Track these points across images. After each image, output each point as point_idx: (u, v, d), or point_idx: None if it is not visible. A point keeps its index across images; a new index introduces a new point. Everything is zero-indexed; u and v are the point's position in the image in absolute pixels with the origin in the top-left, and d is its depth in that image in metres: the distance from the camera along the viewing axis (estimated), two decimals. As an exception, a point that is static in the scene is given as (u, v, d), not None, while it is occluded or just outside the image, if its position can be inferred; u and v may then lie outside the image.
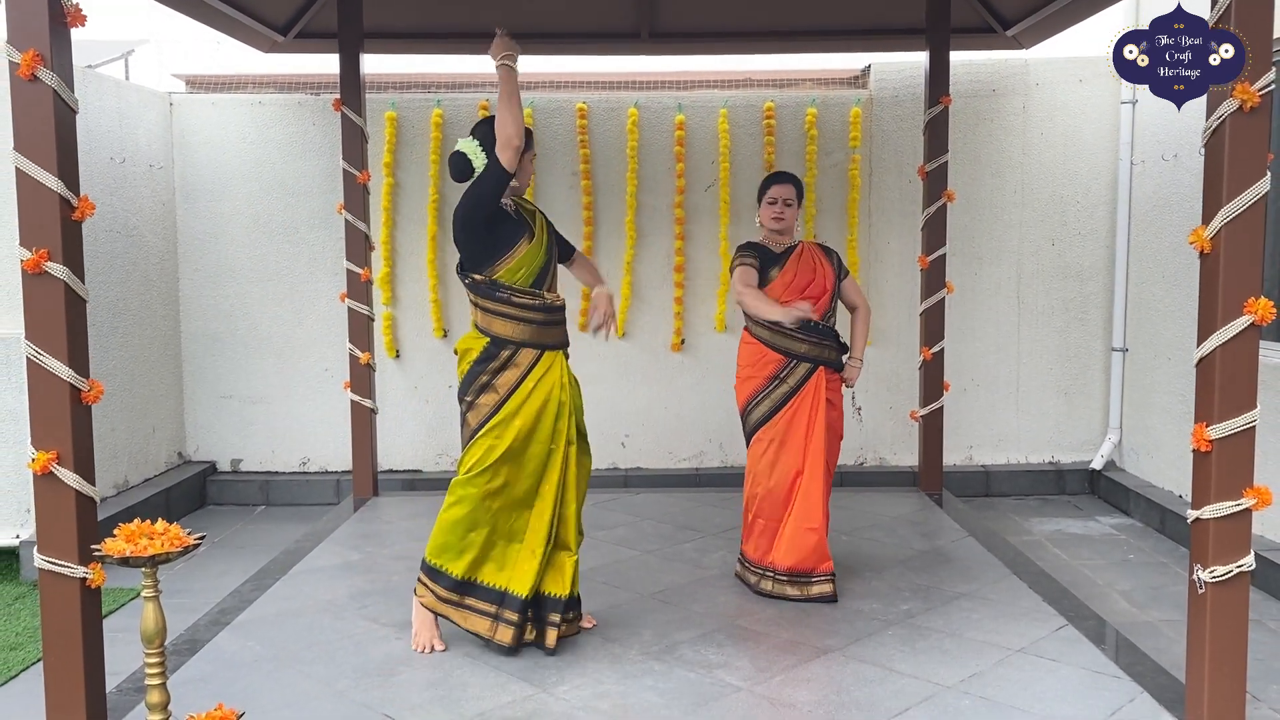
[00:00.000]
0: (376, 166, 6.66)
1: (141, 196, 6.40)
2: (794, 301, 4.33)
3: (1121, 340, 6.70)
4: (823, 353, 4.43)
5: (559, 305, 3.86)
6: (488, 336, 3.79)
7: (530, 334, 3.77)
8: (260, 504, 6.83)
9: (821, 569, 4.31)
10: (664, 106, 6.75)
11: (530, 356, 3.77)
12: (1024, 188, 6.79)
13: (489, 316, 3.78)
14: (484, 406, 3.76)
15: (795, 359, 4.40)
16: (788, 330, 4.37)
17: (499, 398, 3.74)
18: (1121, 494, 6.44)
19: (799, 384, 4.39)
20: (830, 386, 4.45)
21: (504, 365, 3.76)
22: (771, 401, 4.41)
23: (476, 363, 3.79)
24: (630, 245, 6.72)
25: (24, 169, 2.99)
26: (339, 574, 4.75)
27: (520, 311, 3.75)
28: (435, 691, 3.49)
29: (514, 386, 3.74)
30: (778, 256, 4.50)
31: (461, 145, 3.77)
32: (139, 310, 6.37)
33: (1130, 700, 3.37)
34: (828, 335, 4.46)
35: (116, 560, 2.75)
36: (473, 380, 3.79)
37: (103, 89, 6.04)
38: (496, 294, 3.75)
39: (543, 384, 3.77)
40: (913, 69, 6.65)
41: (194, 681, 3.56)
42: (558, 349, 3.85)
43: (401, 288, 6.84)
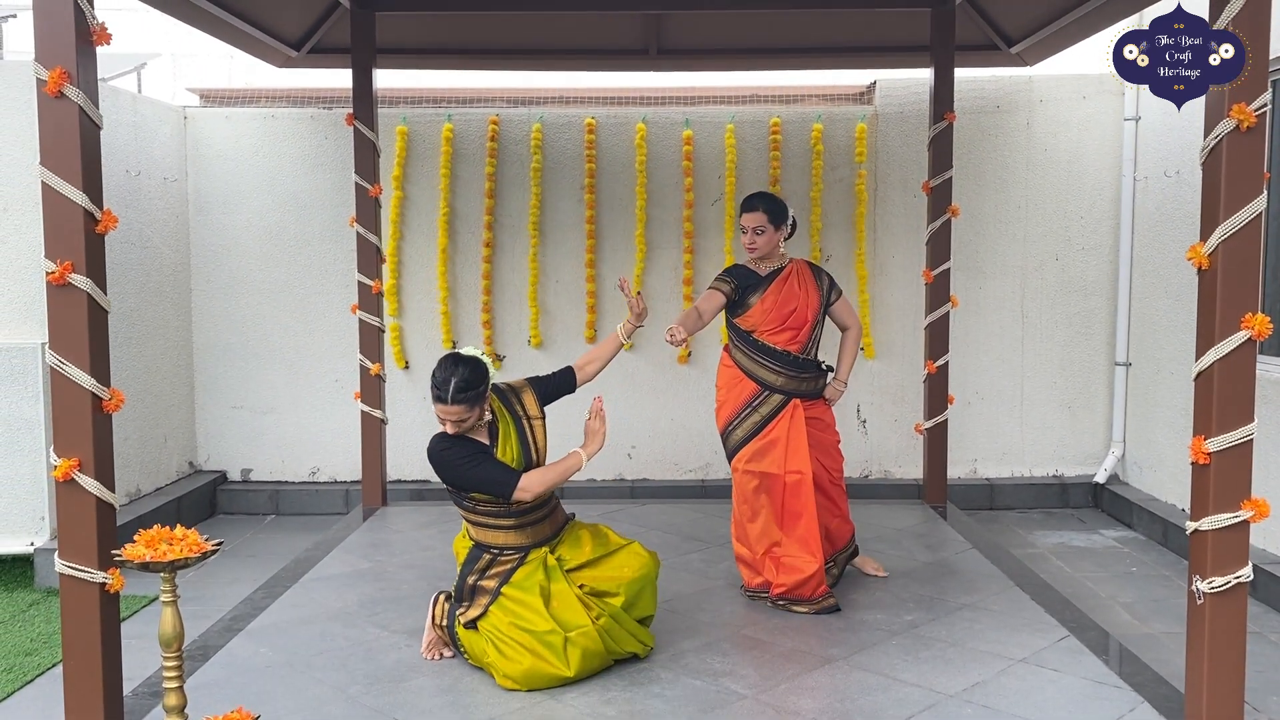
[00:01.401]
0: (386, 180, 6.74)
1: (155, 209, 6.49)
2: (768, 319, 4.35)
3: (1125, 354, 6.75)
4: (799, 385, 4.41)
5: (534, 510, 3.77)
6: (470, 540, 3.83)
7: (502, 539, 3.76)
8: (270, 513, 6.90)
9: (819, 594, 4.32)
10: (671, 122, 6.83)
11: (513, 559, 3.76)
12: (1028, 203, 6.85)
13: (466, 522, 3.82)
14: (481, 605, 3.74)
15: (768, 390, 4.41)
16: (763, 361, 4.39)
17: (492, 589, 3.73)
18: (1124, 507, 6.48)
19: (772, 414, 4.39)
20: (810, 409, 4.44)
21: (490, 565, 3.76)
22: (745, 429, 4.42)
23: (465, 564, 3.80)
24: (640, 259, 6.79)
25: (50, 183, 3.07)
26: (349, 582, 4.81)
27: (487, 520, 3.74)
28: (445, 698, 3.54)
29: (505, 578, 3.72)
30: (760, 281, 4.45)
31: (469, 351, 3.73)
32: (152, 321, 6.45)
33: (1131, 710, 3.41)
34: (806, 368, 4.43)
35: (137, 565, 2.81)
36: (464, 580, 3.79)
37: (118, 103, 6.13)
38: (463, 504, 3.77)
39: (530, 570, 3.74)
40: (918, 85, 6.73)
41: (208, 686, 3.62)
42: (544, 545, 3.79)
43: (409, 299, 6.92)
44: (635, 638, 3.79)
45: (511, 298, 6.91)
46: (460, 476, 3.65)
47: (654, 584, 3.86)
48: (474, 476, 3.63)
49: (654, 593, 3.88)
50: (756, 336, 4.44)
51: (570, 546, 3.83)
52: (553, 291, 6.90)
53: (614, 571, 3.78)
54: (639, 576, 3.78)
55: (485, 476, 3.63)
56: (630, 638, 3.76)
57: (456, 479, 3.67)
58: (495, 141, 6.80)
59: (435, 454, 3.68)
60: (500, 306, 6.91)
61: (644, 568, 3.81)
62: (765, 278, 4.47)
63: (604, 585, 3.74)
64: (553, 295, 6.90)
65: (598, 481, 6.97)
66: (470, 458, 3.64)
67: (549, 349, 6.89)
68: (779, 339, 4.41)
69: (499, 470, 3.65)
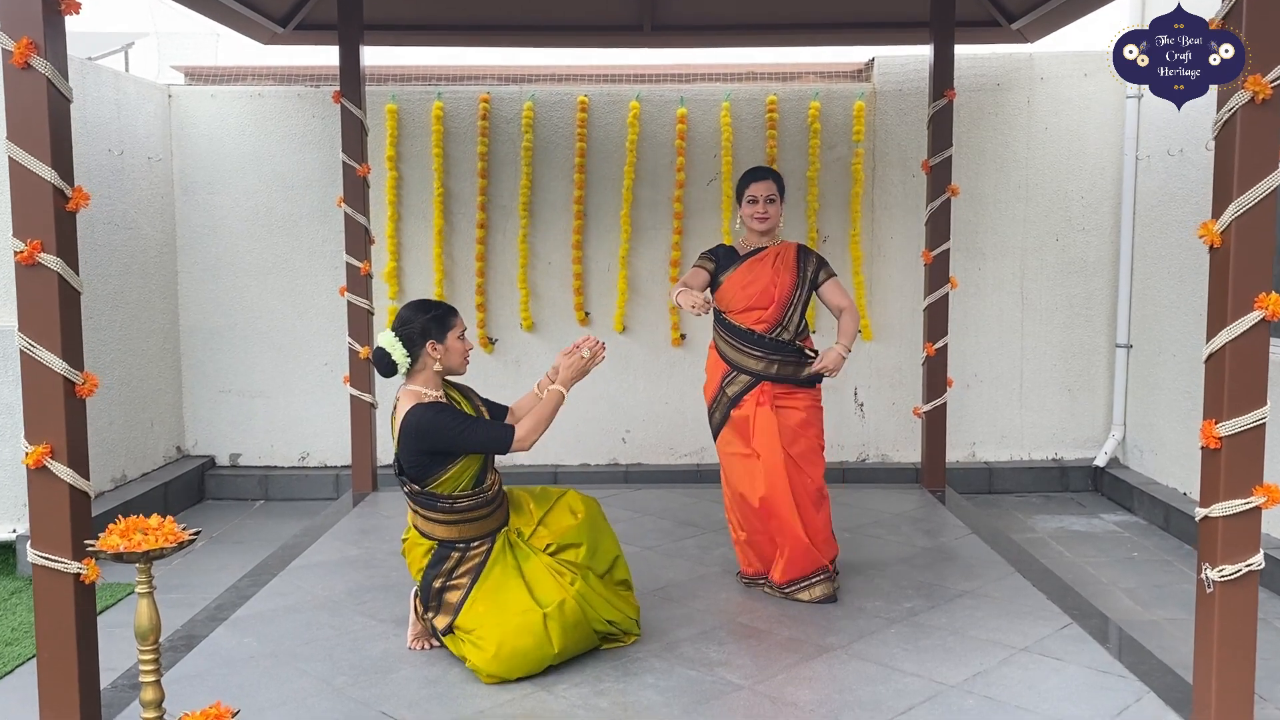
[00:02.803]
0: (379, 160, 6.61)
1: (140, 189, 6.36)
2: (735, 298, 4.25)
3: (1126, 336, 6.65)
4: (768, 368, 4.26)
5: (497, 490, 3.70)
6: (432, 540, 3.67)
7: (473, 530, 3.64)
8: (259, 499, 6.79)
9: (813, 569, 4.22)
10: (666, 99, 6.70)
11: (481, 551, 3.64)
12: (1028, 183, 6.74)
13: (430, 524, 3.65)
14: (450, 610, 3.61)
15: (737, 371, 4.30)
16: (731, 340, 4.29)
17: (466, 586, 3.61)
18: (1125, 491, 6.40)
19: (737, 397, 4.29)
20: (780, 397, 4.26)
21: (458, 564, 3.63)
22: (721, 410, 4.35)
23: (430, 567, 3.65)
24: (625, 239, 6.67)
25: (17, 159, 2.95)
26: (337, 569, 4.71)
27: (461, 516, 3.61)
28: (433, 689, 3.45)
29: (477, 573, 3.61)
30: (736, 259, 4.34)
31: (381, 340, 3.60)
32: (137, 303, 6.33)
33: (1137, 700, 3.33)
34: (778, 349, 4.26)
35: (110, 556, 2.71)
36: (429, 585, 3.65)
37: (100, 80, 5.99)
38: (438, 504, 3.60)
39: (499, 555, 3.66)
40: (917, 62, 6.60)
41: (190, 678, 3.53)
42: (505, 524, 3.72)
43: (409, 282, 6.80)
44: (614, 605, 3.70)
45: (504, 280, 6.79)
46: (455, 439, 3.48)
47: (605, 520, 3.85)
48: (471, 437, 3.49)
49: (612, 534, 3.85)
50: (726, 316, 4.35)
51: (518, 515, 3.76)
52: (543, 274, 6.78)
53: (566, 519, 3.75)
54: (587, 515, 3.77)
55: (483, 435, 3.52)
56: (608, 605, 3.68)
57: (451, 443, 3.49)
58: (486, 120, 6.67)
59: (427, 420, 3.47)
60: (493, 289, 6.79)
61: (588, 505, 3.81)
62: (743, 256, 4.36)
63: (565, 538, 3.69)
64: (543, 277, 6.79)
65: (591, 466, 6.87)
66: (462, 419, 3.53)
67: (541, 332, 6.77)
68: (746, 319, 4.29)
69: (492, 427, 3.56)
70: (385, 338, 3.57)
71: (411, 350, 3.56)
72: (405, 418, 3.52)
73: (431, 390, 3.61)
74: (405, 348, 3.55)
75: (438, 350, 3.58)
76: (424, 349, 3.57)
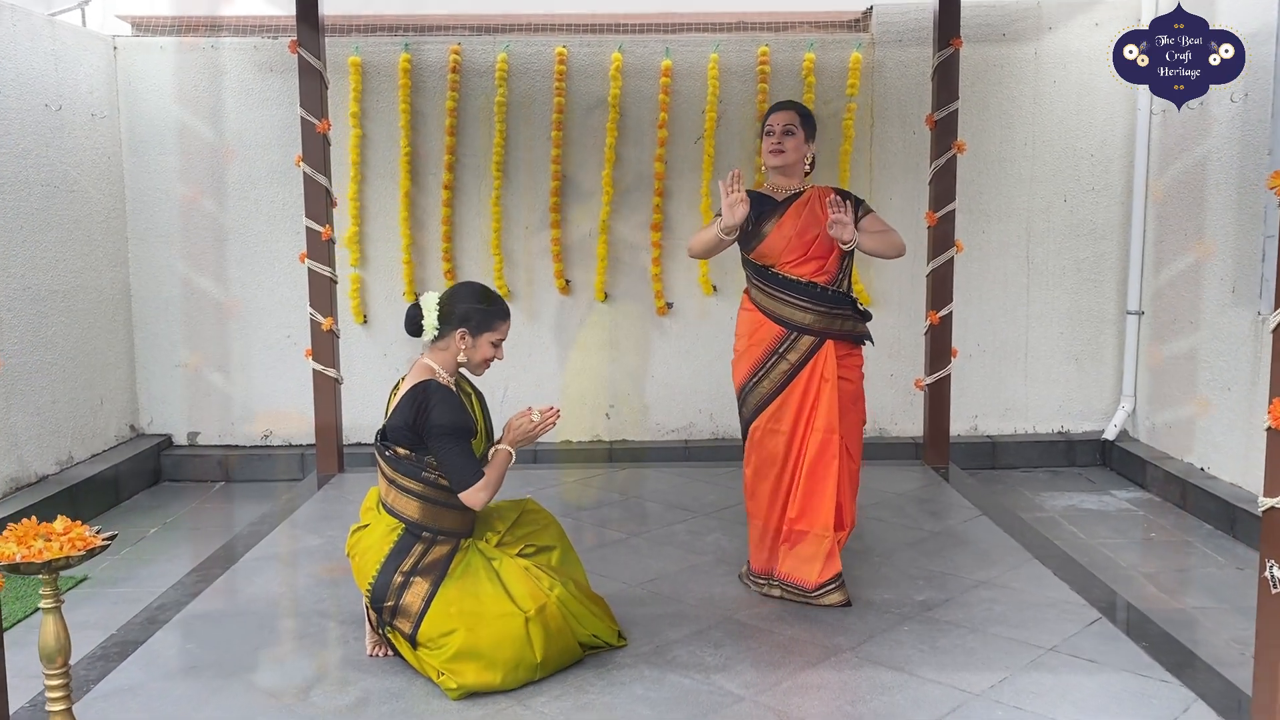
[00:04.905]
0: (342, 117, 6.16)
1: (82, 148, 5.88)
2: (789, 248, 3.77)
3: (1137, 303, 6.29)
4: (831, 324, 3.77)
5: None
6: (399, 521, 3.28)
7: (446, 521, 3.28)
8: (220, 480, 6.38)
9: (827, 578, 3.74)
10: (650, 51, 6.26)
11: (446, 549, 3.27)
12: (1035, 140, 6.35)
13: (404, 498, 3.28)
14: (413, 613, 3.20)
15: (797, 331, 3.78)
16: (787, 296, 3.78)
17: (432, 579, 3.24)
18: (1136, 466, 6.07)
19: (801, 361, 3.77)
20: (843, 363, 3.81)
21: (421, 557, 3.23)
22: (772, 381, 3.80)
23: (390, 559, 3.23)
24: (607, 202, 6.25)
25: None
26: (294, 562, 4.32)
27: (441, 496, 3.25)
28: (397, 704, 3.07)
29: (442, 568, 3.24)
30: (777, 206, 3.83)
31: (424, 300, 3.33)
32: (82, 272, 5.87)
33: (1185, 710, 2.97)
34: (840, 302, 3.79)
35: (4, 567, 2.31)
36: (388, 583, 3.20)
37: (33, 28, 5.50)
38: (421, 474, 3.25)
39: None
40: (918, 11, 6.18)
41: (121, 693, 3.13)
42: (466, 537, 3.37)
43: (371, 247, 6.37)
44: (594, 615, 3.34)
45: (477, 245, 6.36)
46: (439, 440, 3.17)
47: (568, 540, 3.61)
48: (450, 454, 3.18)
49: (576, 555, 3.61)
50: (778, 270, 3.81)
51: (484, 525, 3.43)
52: (518, 238, 6.36)
53: (543, 520, 3.55)
54: (556, 524, 3.58)
55: (460, 463, 3.18)
56: (590, 615, 3.32)
57: (435, 439, 3.17)
58: (457, 74, 6.21)
59: (436, 400, 3.18)
60: (463, 254, 6.36)
61: (550, 516, 3.60)
62: (782, 203, 3.85)
63: (539, 539, 3.47)
64: (518, 242, 6.36)
65: (573, 444, 6.47)
66: (461, 435, 3.20)
67: (517, 301, 6.34)
68: (804, 270, 3.77)
69: (470, 464, 3.20)
70: (429, 300, 3.32)
71: (443, 326, 3.30)
72: (415, 387, 3.24)
73: (445, 373, 3.32)
74: (439, 320, 3.29)
75: (464, 341, 3.30)
76: (454, 332, 3.29)
